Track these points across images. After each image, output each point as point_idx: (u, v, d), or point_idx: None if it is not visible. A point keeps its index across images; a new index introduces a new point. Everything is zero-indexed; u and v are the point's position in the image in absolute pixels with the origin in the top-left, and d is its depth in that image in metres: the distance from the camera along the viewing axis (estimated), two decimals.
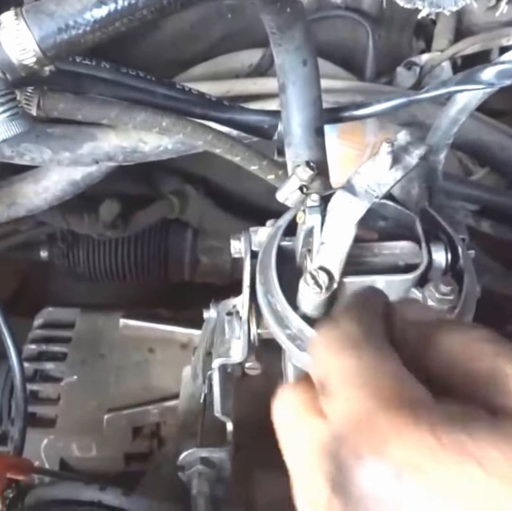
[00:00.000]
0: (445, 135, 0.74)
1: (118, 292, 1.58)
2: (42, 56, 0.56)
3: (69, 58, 0.77)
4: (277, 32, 0.71)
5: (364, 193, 0.59)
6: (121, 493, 0.72)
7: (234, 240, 0.78)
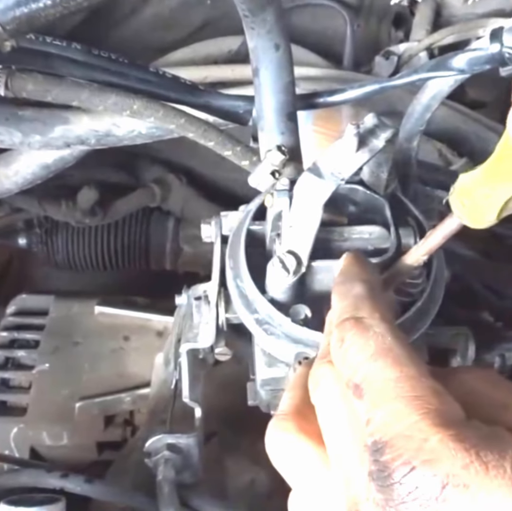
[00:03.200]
0: (418, 122, 0.74)
1: (98, 280, 1.57)
2: (1, 30, 0.54)
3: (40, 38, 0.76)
4: (249, 15, 0.70)
5: (329, 175, 0.58)
6: (84, 481, 0.72)
7: (204, 224, 0.77)
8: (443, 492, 0.37)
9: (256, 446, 0.89)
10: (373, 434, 0.41)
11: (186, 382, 0.75)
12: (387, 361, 0.43)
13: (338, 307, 0.50)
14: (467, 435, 0.39)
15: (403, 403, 0.41)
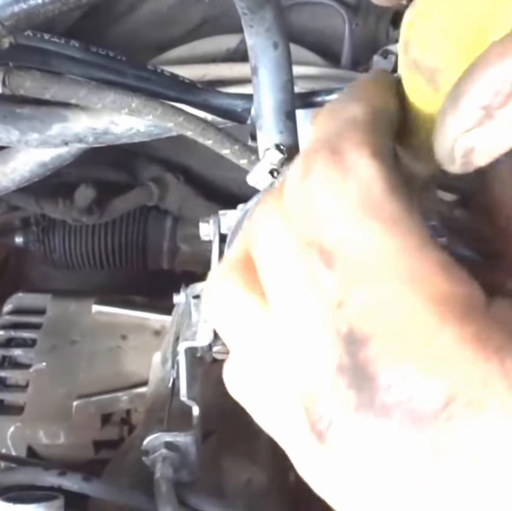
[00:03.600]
0: None
1: (95, 279, 1.56)
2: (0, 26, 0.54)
3: (37, 35, 0.75)
4: (248, 12, 0.70)
5: None
6: (81, 479, 0.72)
7: (203, 223, 0.77)
8: (446, 409, 0.26)
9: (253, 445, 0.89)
10: (349, 321, 0.28)
11: (184, 380, 0.75)
12: (373, 222, 0.29)
13: (315, 134, 0.32)
14: (490, 333, 0.27)
15: (400, 281, 0.28)
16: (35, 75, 0.74)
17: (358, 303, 0.28)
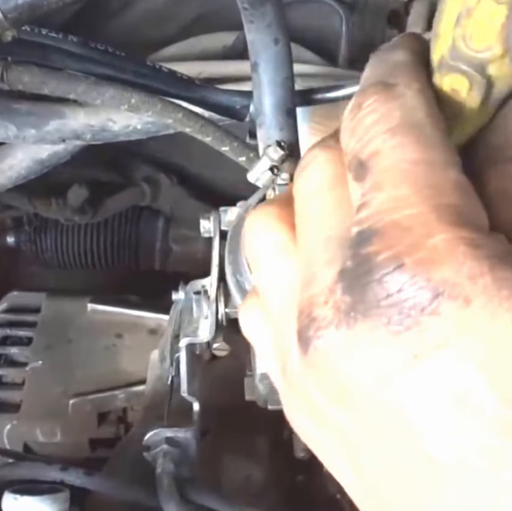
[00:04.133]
0: None
1: (87, 279, 1.56)
2: (3, 19, 0.54)
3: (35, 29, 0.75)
4: (249, 7, 0.70)
5: None
6: (84, 473, 0.71)
7: (203, 219, 0.77)
8: (434, 303, 0.28)
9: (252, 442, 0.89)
10: (362, 222, 0.31)
11: (185, 376, 0.75)
12: (409, 139, 0.32)
13: (366, 77, 0.36)
14: (484, 243, 0.29)
15: (413, 189, 0.30)
16: (33, 70, 0.74)
17: (375, 203, 0.31)
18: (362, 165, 0.32)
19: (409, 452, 0.29)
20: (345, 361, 0.30)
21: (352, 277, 0.30)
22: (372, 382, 0.30)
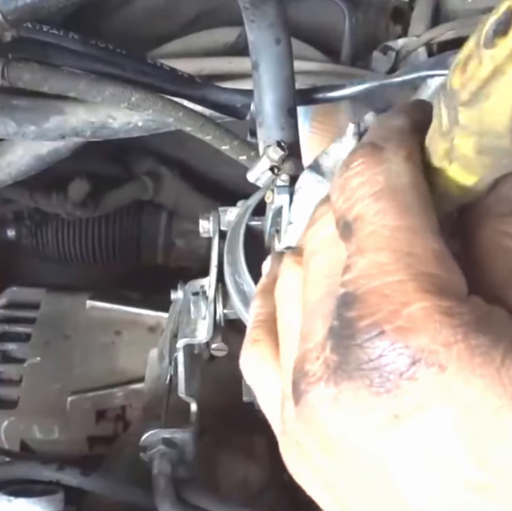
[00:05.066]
0: None
1: (88, 273, 1.55)
2: (3, 20, 0.53)
3: (36, 26, 0.74)
4: (250, 7, 0.70)
5: (331, 173, 0.58)
6: (80, 473, 0.71)
7: (203, 219, 0.77)
8: (411, 369, 0.30)
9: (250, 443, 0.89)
10: (347, 285, 0.33)
11: (182, 377, 0.75)
12: (391, 204, 0.33)
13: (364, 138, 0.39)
14: (460, 311, 0.31)
15: (393, 257, 0.32)
16: (34, 67, 0.73)
17: (358, 267, 0.33)
18: (347, 226, 0.35)
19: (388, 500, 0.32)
20: (331, 415, 0.33)
21: (337, 337, 0.33)
22: (355, 437, 0.32)
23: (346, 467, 0.33)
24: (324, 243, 0.38)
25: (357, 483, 0.33)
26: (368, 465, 0.32)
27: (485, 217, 0.36)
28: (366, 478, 0.33)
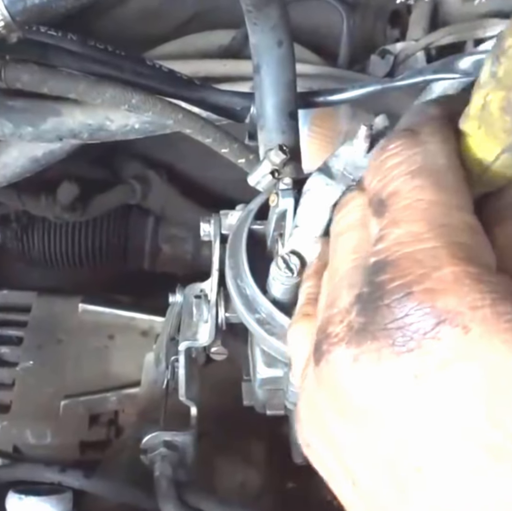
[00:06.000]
0: None
1: (73, 278, 1.54)
2: (11, 21, 0.53)
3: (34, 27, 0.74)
4: (253, 10, 0.69)
5: (340, 176, 0.57)
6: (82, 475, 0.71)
7: (204, 223, 0.76)
8: (435, 329, 0.31)
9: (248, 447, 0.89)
10: (379, 253, 0.34)
11: (183, 380, 0.74)
12: (427, 181, 0.35)
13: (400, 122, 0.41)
14: (489, 279, 0.32)
15: (427, 227, 0.33)
16: (33, 68, 0.73)
17: (392, 237, 0.34)
18: (382, 202, 0.36)
19: (403, 464, 0.32)
20: (351, 376, 0.33)
21: (366, 301, 0.34)
22: (374, 397, 0.32)
23: (361, 433, 0.33)
24: (352, 225, 0.40)
25: (371, 450, 0.33)
26: (386, 428, 0.32)
27: (502, 219, 0.38)
28: (382, 444, 0.32)
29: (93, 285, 1.50)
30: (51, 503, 0.64)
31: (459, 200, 0.35)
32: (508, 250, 0.36)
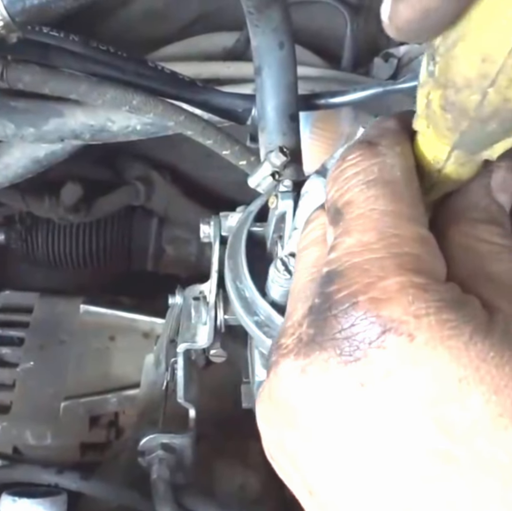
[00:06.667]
0: None
1: (77, 279, 1.54)
2: (10, 21, 0.53)
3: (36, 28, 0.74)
4: (254, 11, 0.69)
5: None
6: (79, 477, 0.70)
7: (203, 224, 0.76)
8: (381, 338, 0.31)
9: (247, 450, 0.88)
10: (331, 263, 0.35)
11: (182, 382, 0.74)
12: (382, 191, 0.35)
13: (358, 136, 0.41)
14: (436, 289, 0.32)
15: (377, 237, 0.34)
16: (34, 68, 0.73)
17: (343, 246, 0.35)
18: (337, 211, 0.36)
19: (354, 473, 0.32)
20: (298, 387, 0.33)
21: (316, 312, 0.34)
22: (320, 408, 0.33)
23: (312, 444, 0.34)
24: (314, 241, 0.41)
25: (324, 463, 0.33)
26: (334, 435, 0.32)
27: (458, 221, 0.38)
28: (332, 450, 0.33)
29: (97, 286, 1.50)
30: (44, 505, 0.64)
31: (412, 211, 0.35)
32: (461, 250, 0.37)
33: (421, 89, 0.36)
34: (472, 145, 0.36)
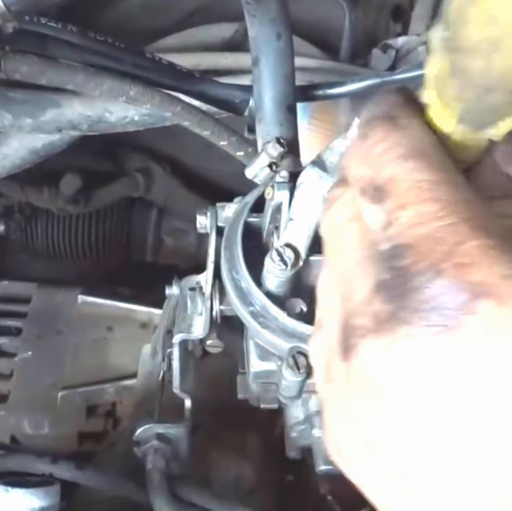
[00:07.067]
0: None
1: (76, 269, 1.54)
2: (6, 10, 0.53)
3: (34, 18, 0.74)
4: (252, 2, 0.69)
5: (334, 168, 0.57)
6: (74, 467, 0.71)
7: (200, 215, 0.76)
8: (473, 303, 0.30)
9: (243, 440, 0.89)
10: (393, 238, 0.34)
11: (177, 372, 0.74)
12: (420, 163, 0.35)
13: (367, 111, 0.40)
14: (509, 249, 0.31)
15: (438, 205, 0.33)
16: (32, 59, 0.72)
17: (403, 221, 0.34)
18: (378, 189, 0.35)
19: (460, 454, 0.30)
20: (385, 365, 0.32)
21: (391, 287, 0.33)
22: (413, 383, 0.31)
23: (409, 427, 0.32)
24: (347, 219, 0.39)
25: (422, 446, 0.31)
26: (428, 413, 0.30)
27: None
28: (426, 430, 0.31)
29: (96, 276, 1.50)
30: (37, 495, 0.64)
31: (454, 177, 0.35)
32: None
33: (432, 57, 0.36)
34: (477, 119, 0.36)
